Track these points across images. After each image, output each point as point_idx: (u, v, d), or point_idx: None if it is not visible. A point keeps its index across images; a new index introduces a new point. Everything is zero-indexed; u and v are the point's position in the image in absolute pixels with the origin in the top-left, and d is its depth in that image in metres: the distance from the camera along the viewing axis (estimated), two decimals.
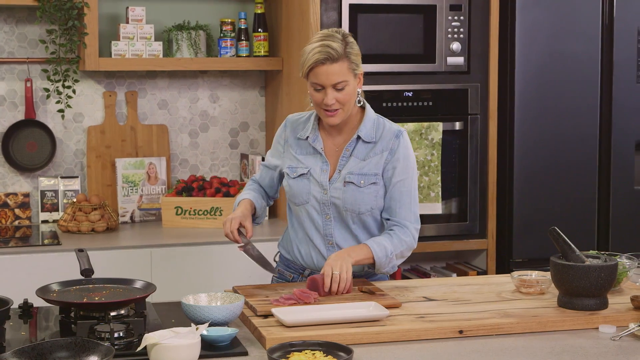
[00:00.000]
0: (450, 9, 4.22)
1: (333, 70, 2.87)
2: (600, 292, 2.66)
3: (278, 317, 2.52)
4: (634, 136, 4.49)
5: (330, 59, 2.86)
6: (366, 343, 2.45)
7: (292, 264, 3.15)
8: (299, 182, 3.04)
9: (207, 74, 4.66)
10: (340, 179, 3.00)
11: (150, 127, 4.58)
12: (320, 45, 2.87)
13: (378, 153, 3.00)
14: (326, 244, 3.05)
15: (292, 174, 3.05)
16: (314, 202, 3.03)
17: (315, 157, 3.04)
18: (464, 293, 2.89)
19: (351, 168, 3.00)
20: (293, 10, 4.28)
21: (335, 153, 3.05)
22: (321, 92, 2.91)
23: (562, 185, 4.41)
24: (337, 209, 3.01)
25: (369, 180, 2.99)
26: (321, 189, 3.02)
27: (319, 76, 2.88)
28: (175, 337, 2.25)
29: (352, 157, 3.01)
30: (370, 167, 3.00)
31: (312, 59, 2.87)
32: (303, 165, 3.05)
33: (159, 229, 4.31)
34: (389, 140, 3.01)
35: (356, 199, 2.99)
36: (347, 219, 3.02)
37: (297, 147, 3.08)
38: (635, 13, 4.43)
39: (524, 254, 4.38)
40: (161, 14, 4.54)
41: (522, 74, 4.31)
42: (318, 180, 3.02)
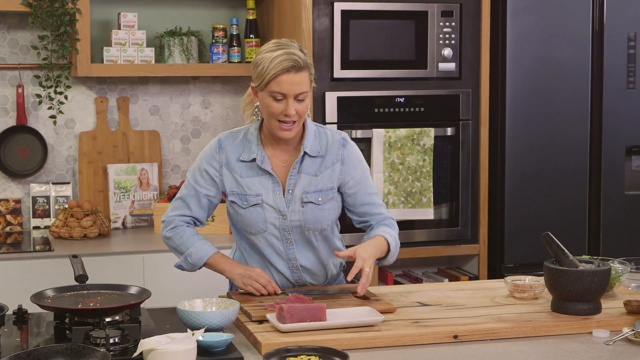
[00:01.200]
0: (442, 15, 4.23)
1: (298, 79, 2.75)
2: (593, 296, 2.67)
3: (273, 322, 2.53)
4: (625, 142, 4.51)
5: (296, 67, 2.75)
6: (361, 348, 2.46)
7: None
8: (252, 212, 2.87)
9: (198, 79, 4.66)
10: (296, 199, 2.87)
11: (142, 133, 4.58)
12: (285, 53, 2.75)
13: (329, 166, 2.91)
14: (290, 267, 2.96)
15: (242, 203, 2.88)
16: (273, 230, 2.89)
17: (262, 178, 2.88)
18: (458, 298, 2.90)
19: (304, 186, 2.88)
20: (285, 17, 4.29)
21: (282, 171, 2.91)
22: (282, 103, 2.76)
23: (553, 191, 4.42)
24: (299, 230, 2.90)
25: (327, 196, 2.90)
26: (279, 215, 2.88)
27: (283, 85, 2.74)
28: (172, 343, 2.25)
29: (301, 174, 2.89)
30: (324, 182, 2.90)
31: (278, 67, 2.73)
32: (252, 191, 2.87)
33: (151, 234, 4.31)
34: (337, 151, 2.92)
35: (317, 218, 2.89)
36: (310, 238, 2.93)
37: (239, 170, 2.89)
38: (625, 19, 4.45)
39: (516, 259, 4.40)
40: (153, 20, 4.54)
41: (513, 79, 4.33)
42: (274, 206, 2.87)
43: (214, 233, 4.26)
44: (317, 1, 4.08)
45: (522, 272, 3.97)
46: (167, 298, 3.41)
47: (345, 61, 4.13)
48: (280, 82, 2.74)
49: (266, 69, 2.75)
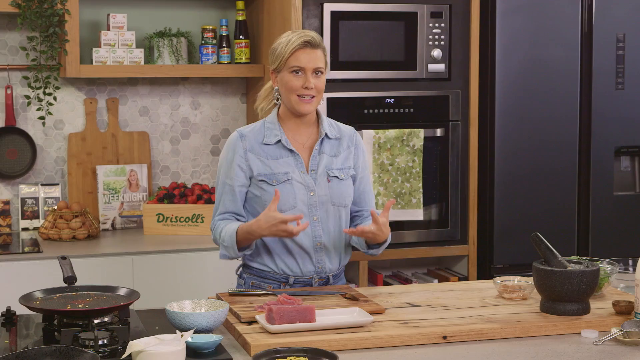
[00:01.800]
0: (431, 16, 4.24)
1: (314, 54, 3.01)
2: (582, 297, 2.68)
3: (262, 323, 2.53)
4: (613, 142, 4.52)
5: (311, 44, 3.00)
6: (351, 349, 2.46)
7: (270, 275, 3.07)
8: (281, 189, 2.99)
9: (188, 80, 4.66)
10: (321, 176, 3.05)
11: (132, 134, 4.57)
12: (300, 32, 3.03)
13: (346, 149, 3.12)
14: (314, 245, 3.05)
15: (271, 181, 3.01)
16: (301, 205, 3.02)
17: (287, 159, 3.04)
18: (447, 299, 2.91)
19: (326, 165, 3.07)
20: (275, 18, 4.29)
21: (302, 151, 3.08)
22: (301, 77, 3.00)
23: (543, 191, 4.43)
24: (324, 207, 3.04)
25: (347, 173, 3.10)
26: (307, 190, 3.03)
27: (301, 59, 2.99)
28: (161, 344, 2.24)
29: (323, 155, 3.08)
30: (343, 162, 3.10)
31: (295, 43, 2.99)
32: (279, 170, 3.02)
33: (140, 236, 4.30)
34: (351, 137, 3.17)
35: (342, 192, 3.07)
36: (334, 216, 3.06)
37: (264, 153, 3.05)
38: (614, 20, 4.47)
39: (505, 259, 4.40)
40: (142, 21, 4.53)
41: (502, 80, 4.34)
42: (303, 182, 3.03)
43: (201, 234, 4.25)
44: (306, 2, 4.08)
45: (512, 272, 3.98)
46: (157, 299, 3.41)
47: (334, 62, 4.12)
48: (299, 57, 2.99)
49: (284, 48, 3.01)
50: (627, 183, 4.62)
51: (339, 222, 3.08)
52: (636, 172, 4.63)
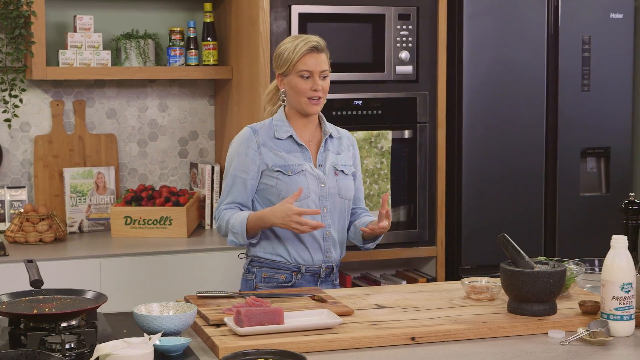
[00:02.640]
0: (399, 18, 4.25)
1: (320, 58, 3.17)
2: (549, 297, 2.69)
3: (231, 326, 2.52)
4: (580, 144, 4.56)
5: (317, 48, 3.17)
6: (319, 351, 2.46)
7: (283, 265, 3.18)
8: (296, 179, 3.15)
9: (156, 82, 4.64)
10: (329, 170, 3.21)
11: (99, 137, 4.54)
12: (306, 38, 3.18)
13: (346, 148, 3.31)
14: (324, 235, 3.19)
15: (286, 171, 3.16)
16: (314, 196, 3.17)
17: (297, 154, 3.19)
18: (416, 300, 2.91)
19: (332, 161, 3.23)
20: (242, 19, 4.28)
21: (309, 147, 3.23)
22: (309, 81, 3.15)
23: (510, 193, 4.46)
24: (332, 199, 3.20)
25: (350, 170, 3.28)
26: (318, 182, 3.18)
27: (309, 63, 3.15)
28: (128, 348, 2.24)
29: (328, 152, 3.24)
30: (345, 159, 3.28)
31: (303, 48, 3.14)
32: (293, 162, 3.17)
33: (108, 238, 4.28)
34: (349, 138, 3.36)
35: (347, 186, 3.25)
36: (340, 208, 3.23)
37: (276, 147, 3.19)
38: (580, 22, 4.50)
39: (473, 260, 4.42)
40: (109, 23, 4.51)
41: (470, 82, 4.36)
42: (314, 174, 3.17)
43: (169, 237, 4.24)
44: (274, 4, 4.08)
45: (480, 273, 3.99)
46: (125, 303, 3.39)
47: None
48: (306, 61, 3.15)
49: (292, 54, 3.16)
50: (593, 184, 4.66)
51: (344, 215, 3.26)
52: (602, 173, 4.67)
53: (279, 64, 3.21)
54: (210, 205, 4.50)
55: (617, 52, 4.59)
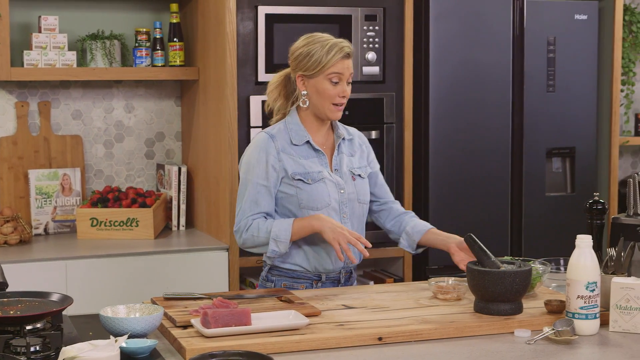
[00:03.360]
0: (366, 19, 4.26)
1: (350, 64, 3.11)
2: (515, 297, 2.71)
3: (197, 327, 2.51)
4: (545, 144, 4.59)
5: (349, 54, 3.11)
6: (286, 352, 2.45)
7: (302, 274, 3.15)
8: (317, 187, 3.10)
9: (122, 83, 4.62)
10: (346, 175, 3.17)
11: (64, 138, 4.51)
12: (338, 43, 3.09)
13: (358, 147, 3.27)
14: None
15: (307, 180, 3.09)
16: (334, 203, 3.13)
17: (313, 159, 3.14)
18: (383, 300, 2.92)
19: (347, 164, 3.19)
20: (209, 20, 4.27)
21: (325, 152, 3.18)
22: (337, 86, 3.08)
23: (477, 193, 4.48)
24: (351, 204, 3.17)
25: (365, 171, 3.24)
26: (338, 188, 3.14)
27: (342, 68, 3.08)
28: (94, 350, 2.22)
29: (342, 155, 3.20)
30: (359, 161, 3.24)
31: (340, 53, 3.07)
32: (312, 169, 3.11)
33: (73, 240, 4.25)
34: (360, 136, 3.32)
35: (365, 190, 3.22)
36: (358, 213, 3.20)
37: (295, 153, 3.12)
38: (545, 24, 4.54)
39: (440, 261, 4.44)
40: (74, 24, 4.48)
41: (436, 83, 4.38)
42: (333, 181, 3.14)
43: (136, 238, 4.22)
44: (241, 5, 4.07)
45: (447, 273, 4.00)
46: (91, 305, 3.36)
47: (269, 65, 4.12)
48: (339, 65, 3.07)
49: (325, 57, 3.05)
50: (558, 184, 4.69)
51: (362, 219, 3.24)
52: (567, 173, 4.70)
53: (305, 64, 3.08)
54: (177, 206, 4.48)
55: (582, 53, 4.63)
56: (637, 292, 2.63)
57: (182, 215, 4.50)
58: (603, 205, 2.99)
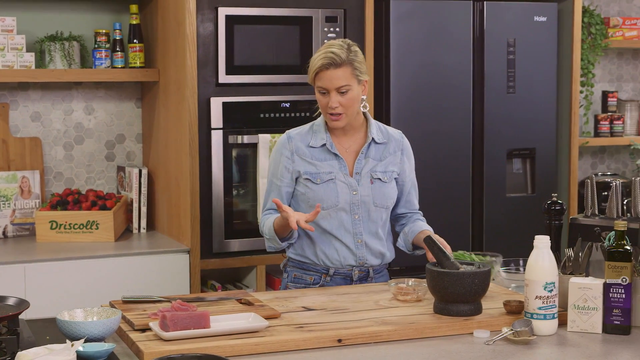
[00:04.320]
0: (326, 21, 4.26)
1: (336, 74, 3.06)
2: (474, 297, 2.72)
3: (156, 330, 2.50)
4: (506, 145, 4.62)
5: (333, 64, 3.06)
6: (245, 354, 2.44)
7: (311, 267, 3.22)
8: (325, 187, 3.15)
9: (81, 85, 4.58)
10: (364, 178, 3.18)
11: (23, 140, 4.47)
12: (324, 52, 3.08)
13: (392, 153, 3.25)
14: (355, 242, 3.19)
15: (315, 180, 3.15)
16: (344, 204, 3.15)
17: (332, 162, 3.17)
18: (343, 302, 2.92)
19: (371, 168, 3.19)
20: (169, 22, 4.25)
21: (347, 155, 3.21)
22: (326, 96, 3.10)
23: (438, 194, 4.49)
24: (366, 207, 3.17)
25: (391, 176, 3.23)
26: (350, 190, 3.16)
27: (323, 80, 3.07)
28: (50, 355, 2.20)
29: (368, 159, 3.20)
30: (387, 165, 3.22)
31: (317, 64, 3.08)
32: (324, 170, 3.16)
33: (33, 244, 4.20)
34: (398, 141, 3.29)
35: (384, 194, 3.20)
36: (374, 216, 3.20)
37: (310, 155, 3.18)
38: (505, 26, 4.56)
39: (402, 262, 4.43)
40: (33, 25, 4.43)
41: (397, 84, 4.39)
42: (345, 182, 3.16)
43: (96, 241, 4.19)
44: (201, 6, 4.06)
45: (409, 275, 4.02)
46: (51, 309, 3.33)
47: (230, 66, 4.11)
48: (321, 77, 3.09)
49: (311, 67, 3.11)
50: (519, 185, 4.72)
51: (380, 222, 3.22)
52: (527, 174, 4.73)
53: (308, 72, 3.16)
54: (138, 208, 4.45)
55: (541, 54, 4.66)
56: (595, 292, 2.65)
57: (143, 217, 4.48)
58: (561, 206, 3.01)
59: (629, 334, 2.64)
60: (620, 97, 5.64)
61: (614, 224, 2.66)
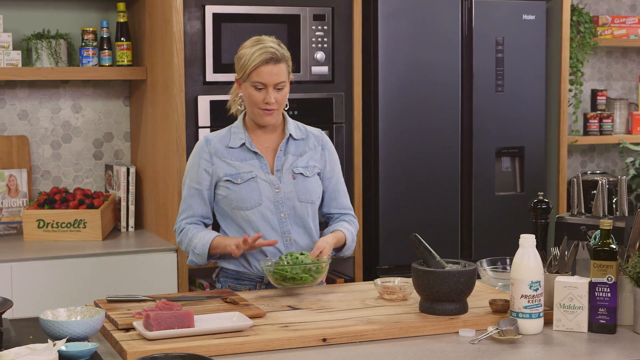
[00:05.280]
0: (314, 19, 4.25)
1: (275, 70, 3.05)
2: (460, 296, 2.71)
3: (139, 330, 2.48)
4: (494, 144, 4.61)
5: (274, 59, 3.05)
6: (230, 354, 2.43)
7: (245, 276, 3.17)
8: (247, 187, 3.10)
9: (69, 83, 4.56)
10: (286, 174, 3.14)
11: (10, 139, 4.45)
12: (263, 47, 3.05)
13: (312, 148, 3.21)
14: (285, 241, 3.14)
15: (236, 180, 3.10)
16: (268, 203, 3.11)
17: (252, 161, 3.13)
18: (329, 301, 2.91)
19: (291, 164, 3.16)
20: (156, 20, 4.23)
21: (267, 153, 3.17)
22: (262, 92, 3.06)
23: (427, 192, 4.49)
24: (291, 203, 3.13)
25: (313, 170, 3.19)
26: (272, 188, 3.12)
27: (263, 75, 3.04)
28: (32, 354, 2.19)
29: (288, 155, 3.17)
30: (308, 160, 3.19)
31: (258, 59, 3.03)
32: (244, 170, 3.11)
33: (20, 242, 4.19)
34: (318, 137, 3.25)
35: (307, 188, 3.16)
36: (301, 212, 3.15)
37: (229, 156, 3.13)
38: (493, 24, 4.55)
39: (390, 261, 4.44)
40: (19, 22, 4.42)
41: (385, 83, 4.38)
42: (267, 180, 3.12)
43: (83, 240, 4.17)
44: (188, 4, 4.04)
45: (398, 273, 4.01)
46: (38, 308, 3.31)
47: (217, 64, 4.10)
48: (260, 72, 3.04)
49: (247, 62, 3.05)
50: (507, 183, 4.71)
51: (307, 218, 3.18)
52: (516, 172, 4.73)
53: (237, 68, 3.12)
54: (126, 207, 4.44)
55: (530, 52, 4.65)
56: (581, 291, 2.64)
57: (131, 216, 4.46)
58: (547, 205, 3.00)
59: (614, 332, 2.63)
60: (609, 95, 5.64)
61: (600, 223, 2.65)
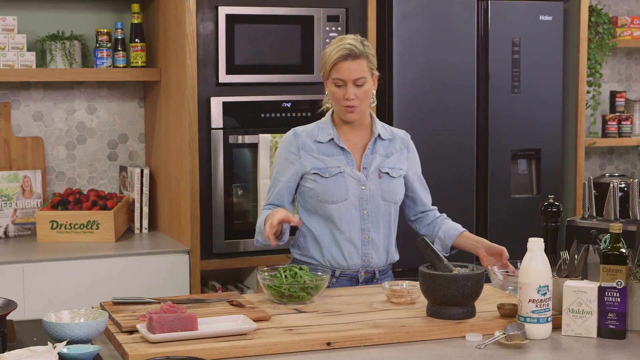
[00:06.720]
0: (328, 20, 4.23)
1: (354, 66, 3.08)
2: (467, 300, 2.68)
3: (143, 332, 2.47)
4: (510, 145, 4.57)
5: (351, 55, 3.08)
6: (232, 357, 2.42)
7: (318, 268, 3.15)
8: (334, 181, 3.15)
9: (83, 84, 4.56)
10: (372, 173, 3.18)
11: (25, 140, 4.46)
12: (340, 45, 3.10)
13: (398, 150, 3.27)
14: (362, 238, 3.19)
15: (324, 174, 3.15)
16: (353, 198, 3.16)
17: (338, 157, 3.18)
18: (335, 304, 2.88)
19: (378, 163, 3.20)
20: (170, 21, 4.22)
21: (354, 150, 3.21)
22: (342, 88, 3.10)
23: (441, 194, 4.43)
24: (375, 201, 3.18)
25: (399, 172, 3.24)
26: (359, 184, 3.17)
27: (341, 71, 3.08)
28: (32, 357, 2.18)
29: (375, 154, 3.21)
30: (394, 162, 3.23)
31: (335, 55, 3.08)
32: (332, 164, 3.16)
33: (33, 243, 4.19)
34: (403, 139, 3.32)
35: (392, 189, 3.21)
36: (384, 211, 3.21)
37: (317, 150, 3.18)
38: (509, 25, 4.52)
39: (402, 264, 4.37)
40: (34, 24, 4.42)
41: (400, 84, 4.35)
42: (354, 176, 3.16)
43: (96, 241, 4.17)
44: (201, 5, 4.03)
45: (408, 277, 3.98)
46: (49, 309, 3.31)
47: (230, 66, 4.09)
48: (339, 69, 3.09)
49: (327, 59, 3.11)
50: (524, 186, 4.67)
51: (389, 218, 3.23)
52: (533, 175, 4.68)
53: (320, 66, 3.19)
54: (139, 208, 4.44)
55: (547, 54, 4.61)
56: (590, 295, 2.61)
57: (145, 217, 4.46)
58: (558, 208, 2.96)
59: (624, 338, 2.59)
60: (628, 97, 5.58)
61: (610, 227, 2.62)
